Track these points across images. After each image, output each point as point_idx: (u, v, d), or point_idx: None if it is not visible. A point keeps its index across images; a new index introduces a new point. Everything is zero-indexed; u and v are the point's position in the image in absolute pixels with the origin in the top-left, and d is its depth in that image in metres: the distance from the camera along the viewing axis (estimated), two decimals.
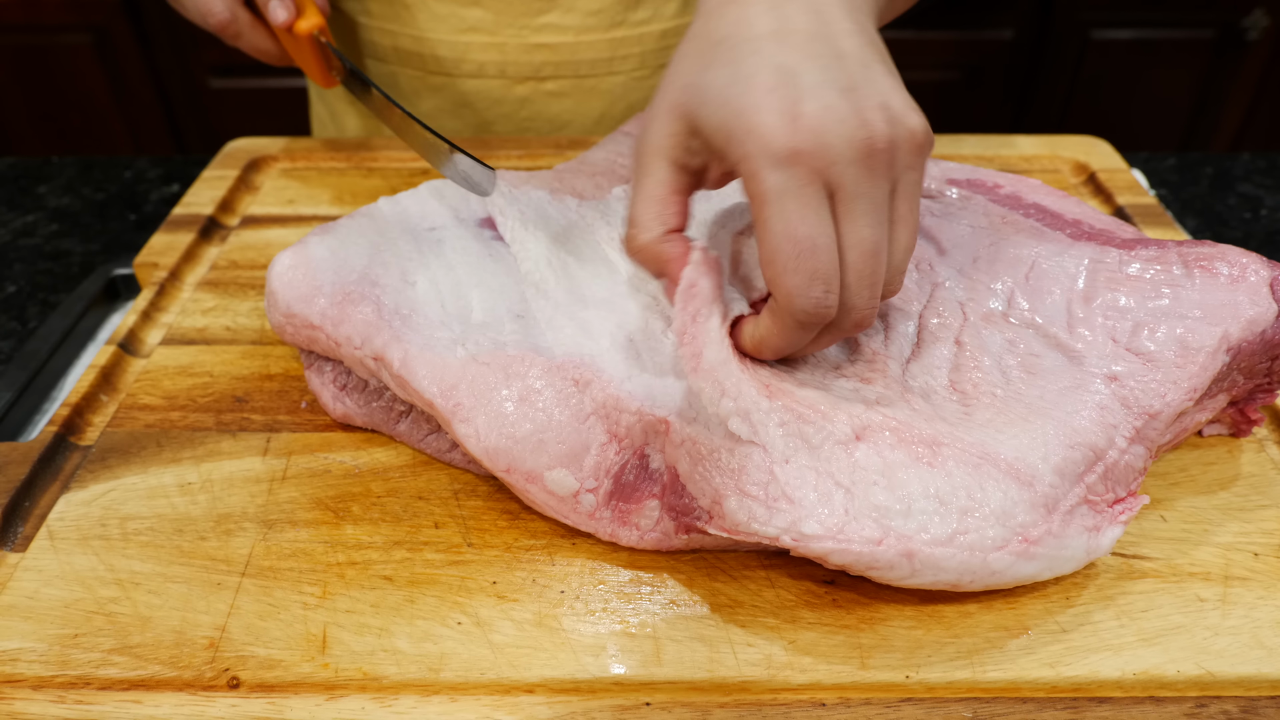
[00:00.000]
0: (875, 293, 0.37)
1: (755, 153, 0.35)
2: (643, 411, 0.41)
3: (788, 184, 0.35)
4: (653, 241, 0.40)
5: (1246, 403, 0.47)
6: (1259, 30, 1.63)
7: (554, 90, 0.76)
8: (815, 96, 0.35)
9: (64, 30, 1.65)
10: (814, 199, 0.35)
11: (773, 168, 0.35)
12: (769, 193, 0.35)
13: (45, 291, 0.71)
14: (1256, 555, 0.43)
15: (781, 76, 0.35)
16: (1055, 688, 0.38)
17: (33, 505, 0.46)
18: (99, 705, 0.37)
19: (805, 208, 0.35)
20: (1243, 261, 0.44)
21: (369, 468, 0.47)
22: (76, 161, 0.88)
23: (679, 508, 0.41)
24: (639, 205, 0.40)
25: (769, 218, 0.36)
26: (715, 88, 0.37)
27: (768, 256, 0.36)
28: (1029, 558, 0.37)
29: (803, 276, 0.36)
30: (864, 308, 0.38)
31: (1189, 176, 0.85)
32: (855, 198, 0.36)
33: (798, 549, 0.37)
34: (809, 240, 0.35)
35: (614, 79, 0.76)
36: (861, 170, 0.35)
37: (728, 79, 0.36)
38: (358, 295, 0.47)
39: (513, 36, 0.73)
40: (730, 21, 0.38)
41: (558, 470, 0.42)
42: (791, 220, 0.35)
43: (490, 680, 0.38)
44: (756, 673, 0.38)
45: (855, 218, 0.36)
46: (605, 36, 0.73)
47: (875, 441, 0.38)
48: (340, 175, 0.73)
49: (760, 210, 0.36)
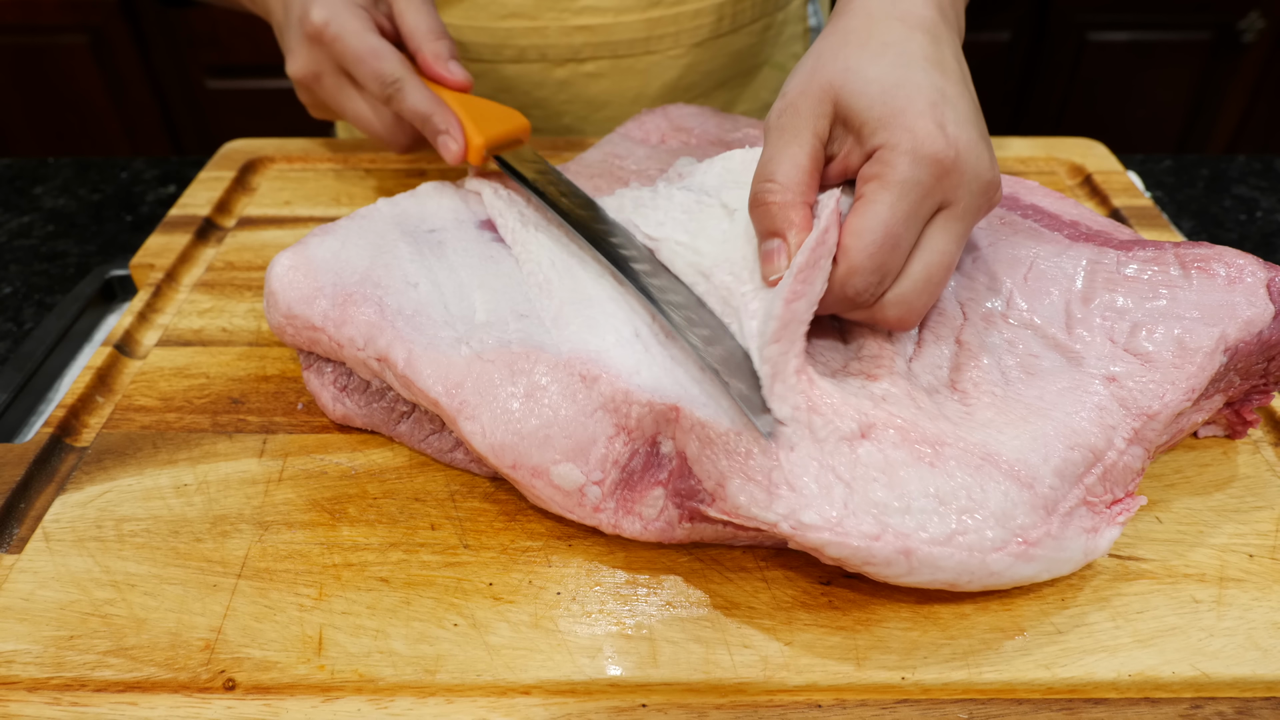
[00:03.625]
0: (931, 299, 0.42)
1: (904, 144, 0.39)
2: (653, 402, 0.41)
3: (917, 180, 0.39)
4: (789, 204, 0.41)
5: (1242, 404, 0.47)
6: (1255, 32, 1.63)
7: (593, 71, 0.77)
8: (962, 128, 0.40)
9: (61, 31, 1.65)
10: (925, 208, 0.40)
11: (913, 163, 0.39)
12: (898, 181, 0.39)
13: (41, 292, 0.71)
14: (1251, 557, 0.43)
15: (940, 98, 0.41)
16: (1051, 689, 0.38)
17: (28, 507, 0.46)
18: (94, 707, 0.37)
19: (914, 209, 0.40)
20: (1239, 263, 0.45)
21: (365, 469, 0.47)
22: (73, 162, 0.88)
23: (684, 491, 0.41)
24: (784, 167, 0.42)
25: (880, 201, 0.39)
26: (878, 83, 0.41)
27: (857, 229, 0.40)
28: (1028, 559, 0.37)
29: (874, 262, 0.40)
30: (917, 307, 0.42)
31: (1185, 178, 0.85)
32: (958, 218, 0.41)
33: (795, 538, 0.37)
34: (898, 237, 0.40)
35: (650, 58, 0.77)
36: (975, 201, 0.41)
37: (894, 81, 0.41)
38: (360, 296, 0.47)
39: (553, 20, 0.74)
40: (895, 35, 0.43)
41: (564, 464, 0.42)
42: (897, 214, 0.39)
43: (486, 682, 0.38)
44: (753, 674, 0.38)
45: (949, 233, 0.41)
46: (642, 16, 0.75)
47: (879, 439, 0.39)
48: (337, 176, 0.73)
49: (876, 193, 0.40)
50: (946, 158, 0.39)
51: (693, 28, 0.77)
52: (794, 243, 0.41)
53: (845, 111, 0.42)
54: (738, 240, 0.45)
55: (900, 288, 0.41)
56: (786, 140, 0.42)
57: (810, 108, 0.42)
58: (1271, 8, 1.62)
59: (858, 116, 0.41)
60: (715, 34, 0.78)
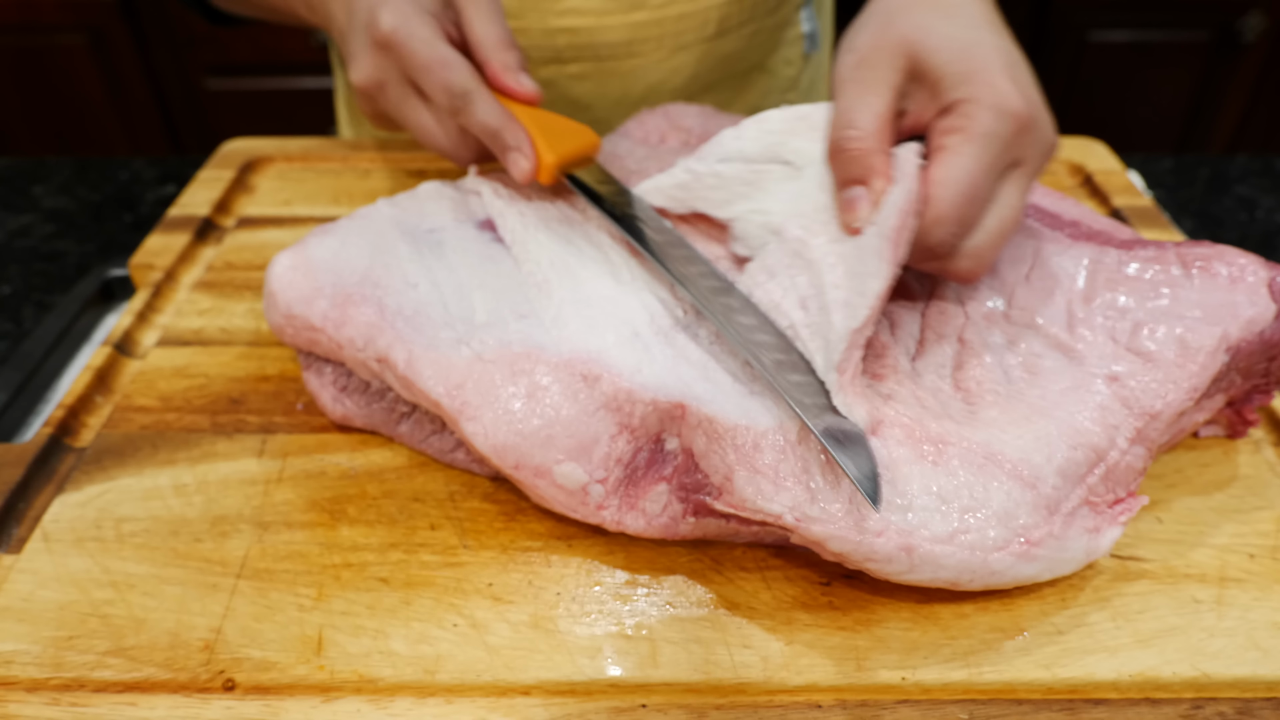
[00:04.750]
0: (998, 254, 0.43)
1: (985, 99, 0.41)
2: (658, 401, 0.41)
3: (999, 135, 0.41)
4: (873, 150, 0.42)
5: (1243, 404, 0.47)
6: (1255, 32, 1.63)
7: (576, 73, 0.77)
8: (1032, 91, 0.42)
9: (60, 30, 1.65)
10: (1002, 163, 0.42)
11: (996, 117, 0.41)
12: (981, 134, 0.41)
13: (40, 292, 0.70)
14: (1252, 557, 0.43)
15: (1011, 61, 0.43)
16: (1051, 689, 0.38)
17: (27, 507, 0.46)
18: (94, 708, 0.37)
19: (994, 163, 0.41)
20: (1241, 262, 0.44)
21: (365, 469, 0.47)
22: (72, 162, 0.88)
23: (690, 485, 0.41)
24: (864, 115, 0.43)
25: (965, 152, 0.41)
26: (956, 40, 0.43)
27: (942, 179, 0.41)
28: (1030, 559, 0.37)
29: (958, 212, 0.41)
30: (987, 261, 0.43)
31: (1185, 178, 0.85)
32: (1028, 176, 0.43)
33: (799, 530, 0.37)
34: (980, 189, 0.41)
35: (634, 61, 0.77)
36: (1041, 162, 0.43)
37: (971, 40, 0.43)
38: (359, 297, 0.47)
39: (536, 20, 0.73)
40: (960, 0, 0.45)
41: (567, 464, 0.42)
42: (981, 165, 0.41)
43: (486, 682, 0.38)
44: (753, 674, 0.38)
45: (1018, 188, 0.43)
46: (625, 19, 0.74)
47: (885, 436, 0.39)
48: (337, 176, 0.73)
49: (961, 145, 0.41)
50: (1025, 115, 0.41)
51: (677, 31, 0.76)
52: (877, 189, 0.42)
53: (922, 66, 0.43)
54: (809, 193, 0.45)
55: (975, 240, 0.42)
56: (863, 90, 0.43)
57: (886, 61, 0.43)
58: (1271, 8, 1.62)
59: (935, 71, 0.42)
60: (701, 38, 0.77)
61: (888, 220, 0.41)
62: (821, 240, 0.43)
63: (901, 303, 0.46)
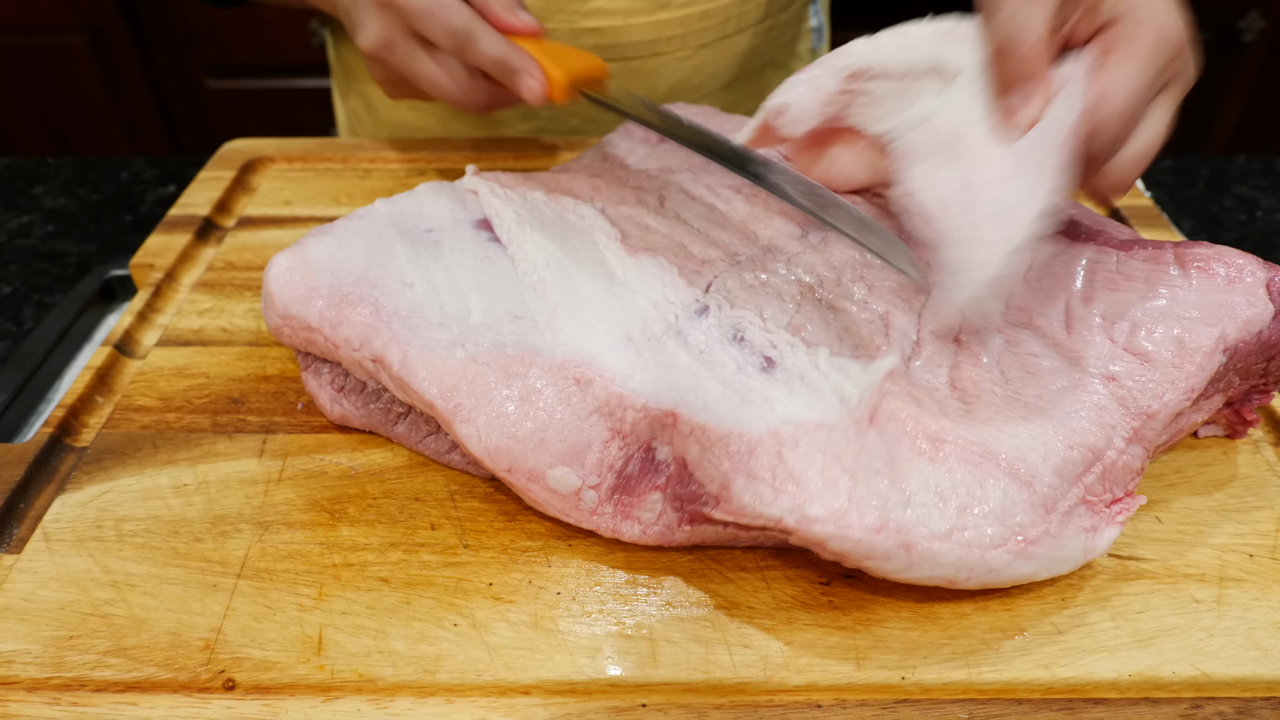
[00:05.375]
0: (1143, 169, 0.44)
1: (1148, 20, 0.42)
2: (648, 407, 0.41)
3: (1159, 53, 0.42)
4: (1040, 55, 0.42)
5: (1242, 404, 0.47)
6: (1255, 32, 1.63)
7: None
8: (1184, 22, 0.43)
9: (60, 30, 1.65)
10: (1161, 81, 0.43)
11: (1158, 37, 0.42)
12: (1143, 50, 0.41)
13: (41, 292, 0.71)
14: (1251, 557, 0.43)
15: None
16: (1051, 689, 0.38)
17: (27, 507, 0.46)
18: (94, 707, 0.37)
19: (1154, 80, 0.42)
20: (1239, 262, 0.44)
21: (365, 469, 0.47)
22: (72, 162, 0.88)
23: (685, 495, 0.41)
24: (1030, 21, 0.42)
25: (1128, 67, 0.41)
26: None
27: (1106, 88, 0.41)
28: (1027, 557, 0.37)
29: (1120, 122, 0.41)
30: (1128, 180, 0.44)
31: (1185, 178, 0.85)
32: (1174, 100, 0.44)
33: (800, 532, 0.37)
34: (1139, 102, 0.42)
35: (658, 60, 0.77)
36: (1185, 88, 0.45)
37: None
38: (356, 297, 0.47)
39: (563, 22, 0.74)
40: None
41: (560, 468, 0.42)
42: (1144, 79, 0.41)
43: (486, 682, 0.38)
44: (753, 674, 0.38)
45: (1166, 110, 0.44)
46: (651, 19, 0.74)
47: (882, 432, 0.39)
48: (337, 176, 0.73)
49: (1123, 60, 0.41)
50: (1181, 39, 0.42)
51: (700, 29, 0.77)
52: (1041, 97, 0.42)
53: None
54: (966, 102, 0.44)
55: (1123, 155, 0.43)
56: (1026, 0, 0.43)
57: None
58: (1271, 8, 1.62)
59: None
60: (721, 35, 0.78)
61: (1055, 131, 0.41)
62: (982, 149, 0.42)
63: (898, 304, 0.46)
